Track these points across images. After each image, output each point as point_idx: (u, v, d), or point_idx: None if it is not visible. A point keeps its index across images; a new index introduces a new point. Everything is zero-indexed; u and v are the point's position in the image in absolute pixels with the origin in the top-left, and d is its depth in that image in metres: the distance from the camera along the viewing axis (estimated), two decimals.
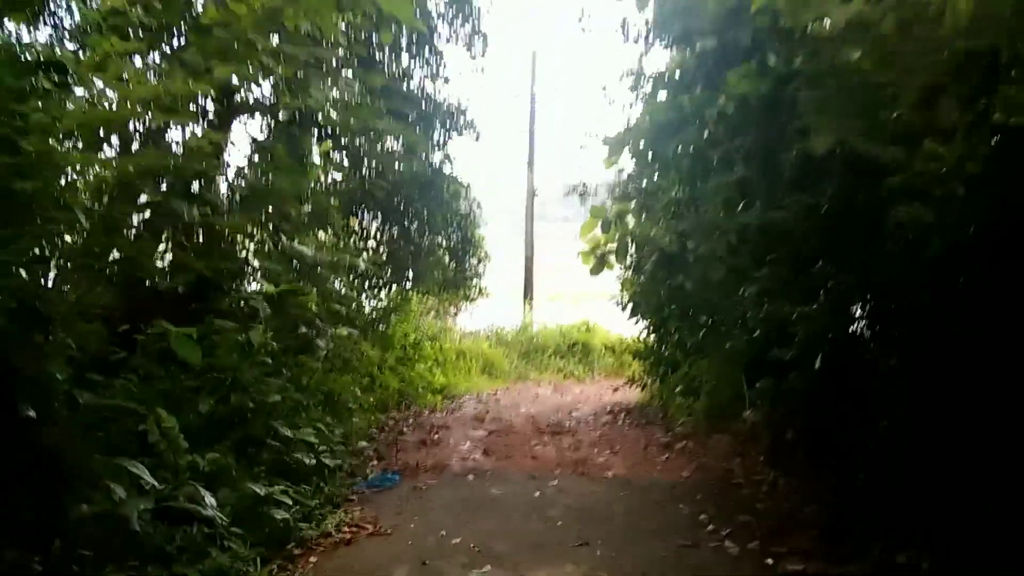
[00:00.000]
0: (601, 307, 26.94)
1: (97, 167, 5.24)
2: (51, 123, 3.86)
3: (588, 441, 7.82)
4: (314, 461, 5.23)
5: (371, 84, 7.87)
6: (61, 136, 4.58)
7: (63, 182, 4.64)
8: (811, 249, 4.85)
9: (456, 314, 17.06)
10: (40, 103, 3.69)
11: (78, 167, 4.92)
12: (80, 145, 4.87)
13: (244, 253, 6.51)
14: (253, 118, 9.32)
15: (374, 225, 10.63)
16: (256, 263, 6.37)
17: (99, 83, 5.45)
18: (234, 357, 4.77)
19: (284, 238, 6.46)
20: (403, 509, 5.33)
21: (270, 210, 7.05)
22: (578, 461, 6.74)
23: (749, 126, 4.91)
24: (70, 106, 4.61)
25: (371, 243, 10.47)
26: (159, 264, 6.11)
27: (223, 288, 5.88)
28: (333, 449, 5.84)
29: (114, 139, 6.17)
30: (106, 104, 5.53)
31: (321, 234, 8.12)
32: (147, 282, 5.73)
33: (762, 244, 5.35)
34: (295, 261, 6.47)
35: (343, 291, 8.62)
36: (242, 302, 4.78)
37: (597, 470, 6.36)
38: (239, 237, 6.73)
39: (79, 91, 4.97)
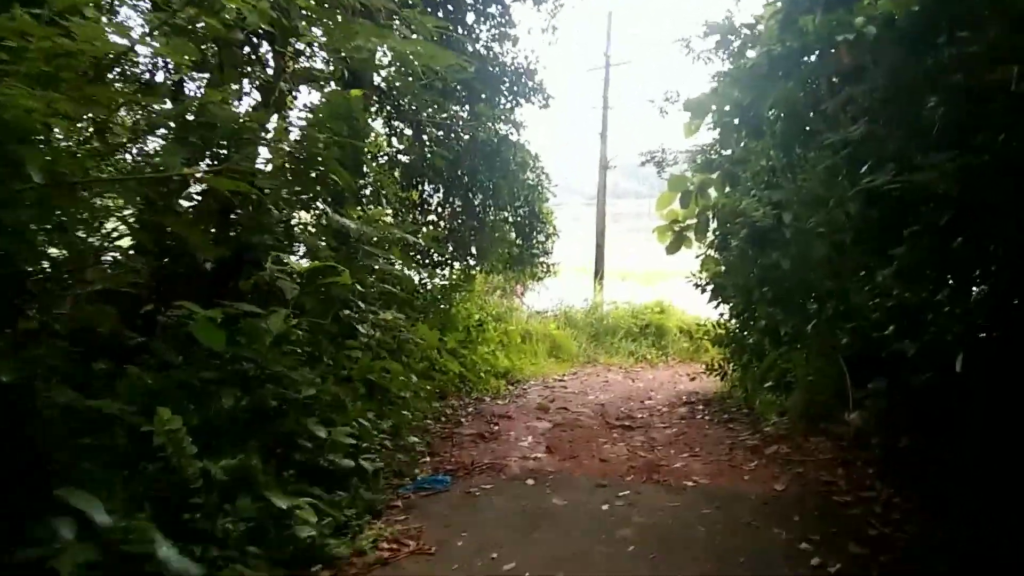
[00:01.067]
0: (675, 286, 25.91)
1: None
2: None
3: (663, 439, 7.01)
4: (352, 463, 4.62)
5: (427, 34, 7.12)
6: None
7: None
8: (964, 222, 3.88)
9: (523, 293, 16.38)
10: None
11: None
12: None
13: (288, 228, 5.93)
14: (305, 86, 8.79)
15: (436, 198, 9.98)
16: (299, 238, 5.78)
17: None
18: (261, 345, 4.17)
19: (330, 211, 5.84)
20: (452, 520, 4.68)
21: (319, 181, 6.48)
22: (653, 465, 5.95)
23: (888, 58, 3.96)
24: None
25: (431, 217, 9.83)
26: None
27: (262, 266, 5.31)
28: (377, 448, 5.23)
29: None
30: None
31: (380, 208, 7.51)
32: (174, 257, 5.20)
33: (895, 215, 4.39)
34: (341, 236, 5.85)
35: (399, 268, 8.03)
36: (272, 280, 4.15)
37: (675, 477, 5.57)
38: (284, 211, 6.18)
39: None
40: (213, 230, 5.77)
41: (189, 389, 4.15)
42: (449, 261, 10.10)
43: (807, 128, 7.22)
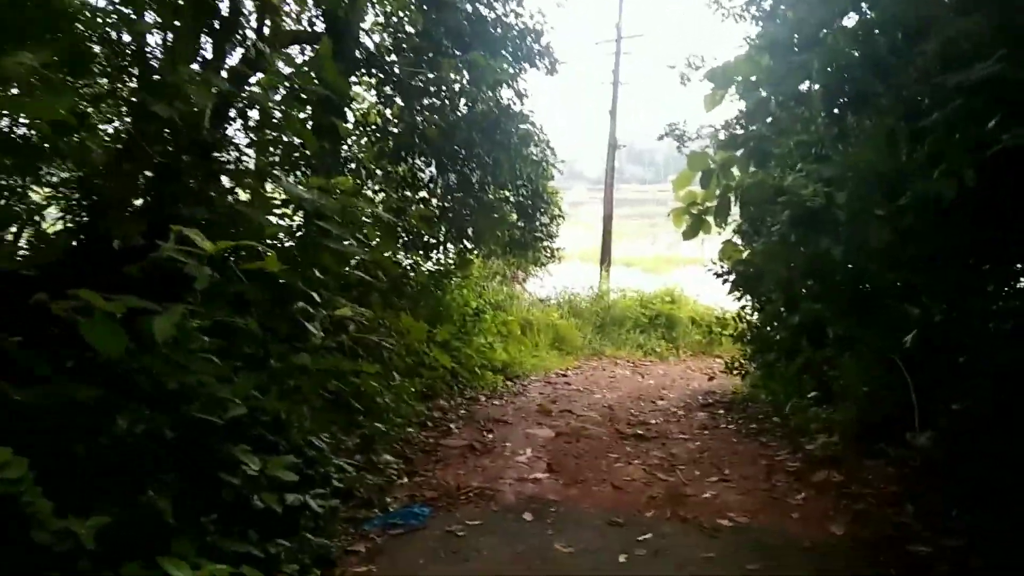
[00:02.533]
0: (685, 274, 24.89)
1: None
2: None
3: (685, 455, 5.97)
4: (299, 499, 3.58)
5: None
6: None
7: None
8: None
9: (525, 279, 15.33)
10: None
11: None
12: None
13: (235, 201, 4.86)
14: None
15: (428, 174, 8.89)
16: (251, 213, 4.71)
17: None
18: (159, 350, 3.11)
19: (285, 179, 4.78)
20: (427, 571, 3.65)
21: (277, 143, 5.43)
22: (677, 494, 4.90)
23: None
24: None
25: (423, 194, 8.74)
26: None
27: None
28: (335, 474, 4.18)
29: None
30: None
31: (346, 177, 6.46)
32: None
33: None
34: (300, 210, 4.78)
35: (368, 251, 6.98)
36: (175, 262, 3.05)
37: (706, 513, 4.52)
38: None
39: None
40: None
41: (72, 410, 3.11)
42: (442, 244, 9.01)
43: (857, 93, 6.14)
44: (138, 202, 4.81)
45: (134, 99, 5.02)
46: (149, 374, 3.17)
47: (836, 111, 5.88)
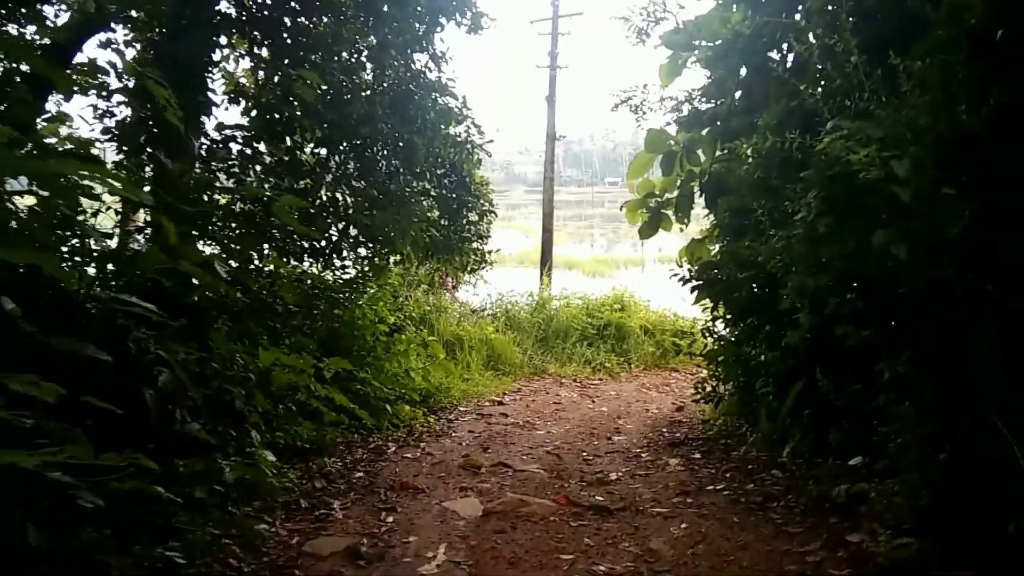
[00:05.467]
0: (627, 276, 23.33)
1: None
2: None
3: (670, 552, 4.05)
4: None
5: None
6: None
7: None
8: None
9: (455, 287, 13.34)
10: None
11: None
12: None
13: None
14: None
15: (310, 155, 6.82)
16: None
17: None
18: None
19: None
20: None
21: None
22: None
23: None
24: None
25: (305, 183, 6.64)
26: None
27: None
28: None
29: None
30: None
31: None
32: None
33: None
34: None
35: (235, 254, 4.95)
36: None
37: None
38: None
39: None
40: None
41: None
42: (332, 247, 6.92)
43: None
44: None
45: None
46: None
47: (875, 46, 4.12)
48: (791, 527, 4.20)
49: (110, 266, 3.81)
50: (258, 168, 6.35)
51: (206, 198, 5.19)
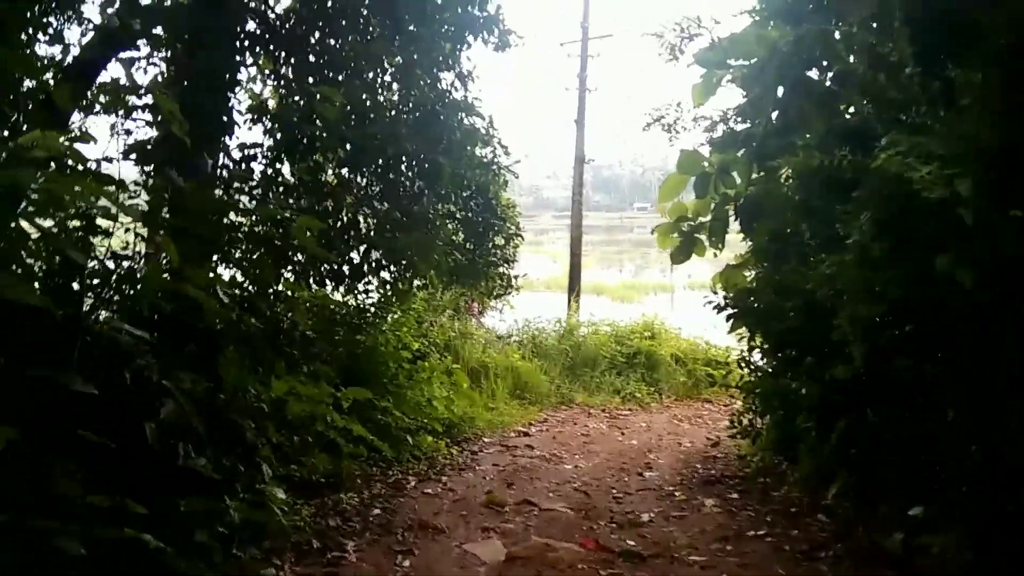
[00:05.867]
0: (655, 301, 22.88)
1: None
2: None
3: None
4: None
5: None
6: None
7: None
8: None
9: (482, 312, 13.05)
10: None
11: None
12: None
13: None
14: None
15: (333, 175, 6.63)
16: None
17: None
18: None
19: None
20: None
21: None
22: None
23: None
24: None
25: (325, 205, 6.44)
26: None
27: None
28: None
29: None
30: None
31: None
32: None
33: None
34: None
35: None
36: None
37: None
38: None
39: None
40: None
41: None
42: (353, 272, 6.68)
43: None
44: None
45: None
46: None
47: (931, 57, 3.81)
48: None
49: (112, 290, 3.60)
50: (279, 189, 6.16)
51: (226, 220, 5.04)
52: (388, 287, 7.68)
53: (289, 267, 5.43)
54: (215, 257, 5.12)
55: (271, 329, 4.91)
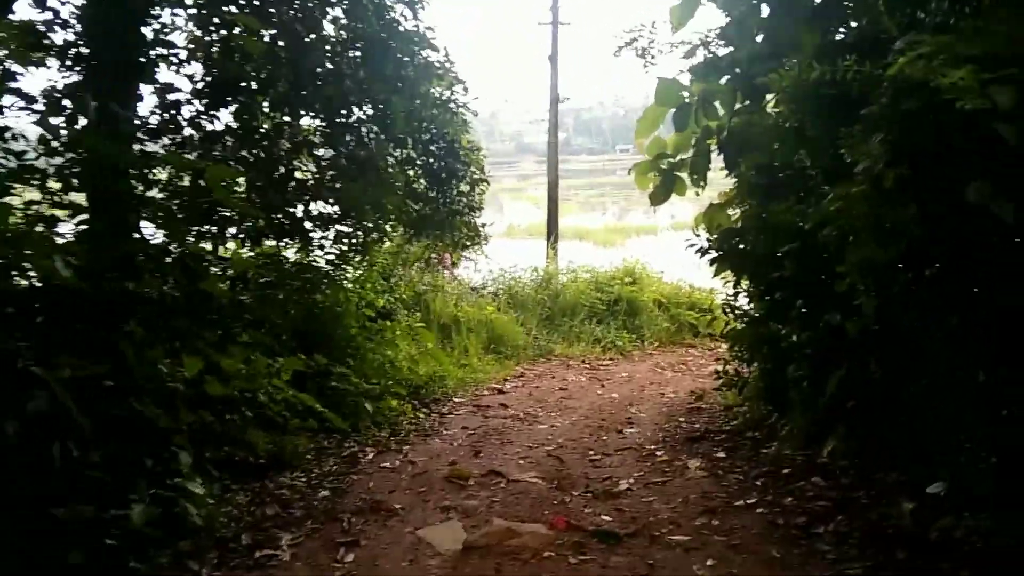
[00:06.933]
0: (639, 245, 22.28)
1: None
2: None
3: None
4: None
5: None
6: None
7: None
8: None
9: (454, 264, 12.41)
10: None
11: None
12: None
13: None
14: None
15: (263, 120, 5.87)
16: None
17: None
18: None
19: None
20: None
21: None
22: None
23: None
24: None
25: (256, 152, 5.70)
26: None
27: None
28: None
29: None
30: None
31: None
32: None
33: None
34: None
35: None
36: None
37: None
38: None
39: None
40: None
41: None
42: (292, 227, 5.98)
43: None
44: None
45: None
46: None
47: None
48: (849, 566, 3.31)
49: None
50: (203, 137, 5.44)
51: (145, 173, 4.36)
52: (346, 242, 7.01)
53: (209, 223, 4.75)
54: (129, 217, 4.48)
55: (195, 297, 4.27)
